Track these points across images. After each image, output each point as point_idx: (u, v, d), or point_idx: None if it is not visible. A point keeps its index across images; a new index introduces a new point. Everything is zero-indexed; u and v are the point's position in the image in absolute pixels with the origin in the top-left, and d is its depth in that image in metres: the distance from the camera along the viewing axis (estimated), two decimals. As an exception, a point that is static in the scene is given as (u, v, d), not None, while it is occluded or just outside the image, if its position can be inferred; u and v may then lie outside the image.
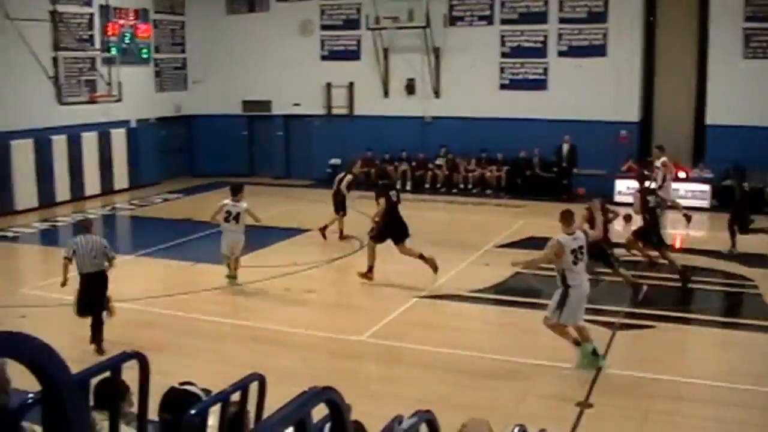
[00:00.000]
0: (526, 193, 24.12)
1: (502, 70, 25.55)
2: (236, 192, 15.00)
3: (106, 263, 11.73)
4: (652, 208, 15.33)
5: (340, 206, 18.74)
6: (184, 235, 18.99)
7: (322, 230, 18.55)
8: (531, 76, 25.26)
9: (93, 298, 11.62)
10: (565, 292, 10.40)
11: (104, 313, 11.82)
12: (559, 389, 9.97)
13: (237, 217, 14.69)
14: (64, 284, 11.74)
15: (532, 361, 10.83)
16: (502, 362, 10.89)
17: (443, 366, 10.88)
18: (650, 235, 15.34)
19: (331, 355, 11.60)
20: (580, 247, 10.44)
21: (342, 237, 18.68)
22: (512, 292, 14.33)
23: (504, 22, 25.44)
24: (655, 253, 15.55)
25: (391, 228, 15.33)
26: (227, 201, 14.92)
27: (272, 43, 28.13)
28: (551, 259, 10.51)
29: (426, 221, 21.34)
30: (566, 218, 10.59)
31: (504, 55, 25.51)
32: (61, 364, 1.90)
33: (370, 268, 15.13)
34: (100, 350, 11.09)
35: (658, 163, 18.51)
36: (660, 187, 17.58)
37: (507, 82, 25.52)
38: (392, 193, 15.63)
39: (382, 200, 15.31)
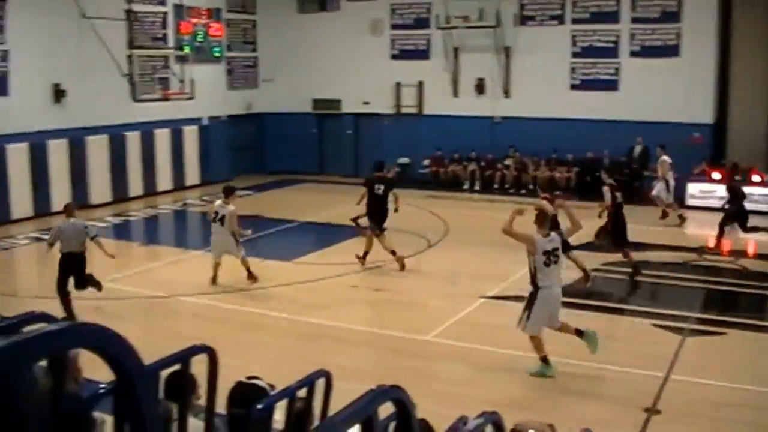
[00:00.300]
0: (595, 194, 23.70)
1: (572, 70, 25.30)
2: (227, 194, 14.99)
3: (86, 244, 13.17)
4: (620, 203, 15.91)
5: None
6: (253, 232, 19.19)
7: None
8: (602, 77, 24.96)
9: (71, 275, 12.88)
10: (534, 293, 10.57)
11: (93, 289, 13.20)
12: (627, 394, 9.85)
13: (222, 219, 14.67)
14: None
15: (599, 365, 10.71)
16: (569, 365, 10.79)
17: (509, 368, 10.83)
18: (614, 231, 15.94)
19: (395, 353, 11.62)
20: (554, 249, 10.50)
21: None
22: (580, 295, 14.15)
23: (575, 21, 25.19)
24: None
25: (371, 216, 16.16)
26: (219, 202, 15.02)
27: (342, 43, 28.29)
28: (526, 243, 10.55)
29: (494, 222, 21.21)
30: (540, 220, 10.67)
31: (575, 55, 25.26)
32: (134, 356, 1.96)
33: (365, 254, 16.11)
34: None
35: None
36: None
37: (578, 82, 25.26)
38: (376, 186, 16.20)
39: (363, 190, 16.32)
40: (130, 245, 19.75)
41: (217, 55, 27.95)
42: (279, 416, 3.83)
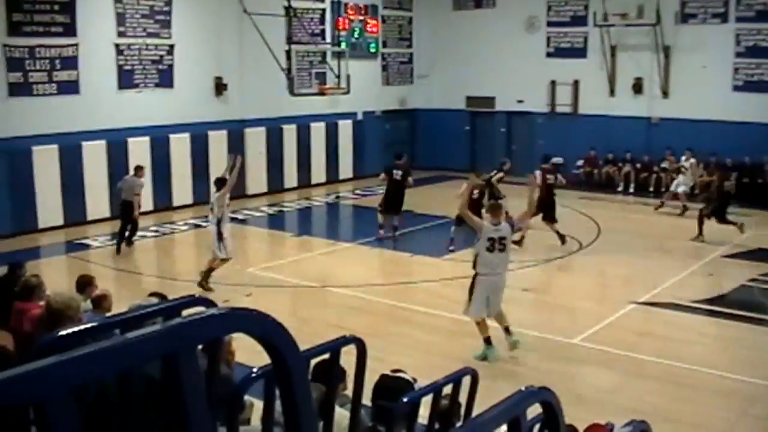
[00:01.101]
0: (757, 201, 22.75)
1: (735, 70, 24.27)
2: (217, 185, 14.72)
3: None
4: (550, 185, 18.11)
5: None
6: (403, 227, 19.36)
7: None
8: (768, 78, 23.92)
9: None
10: (474, 278, 11.05)
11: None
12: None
13: (212, 209, 14.60)
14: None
15: (751, 379, 10.31)
16: (719, 378, 10.43)
17: (657, 376, 10.57)
18: (547, 209, 17.72)
19: (541, 355, 11.51)
20: (501, 239, 10.85)
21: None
22: (735, 305, 13.63)
23: (739, 20, 24.15)
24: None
25: (387, 201, 18.66)
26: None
27: (497, 40, 28.13)
28: (476, 227, 11.12)
29: (650, 225, 20.77)
30: (494, 210, 11.28)
31: (738, 54, 24.24)
32: (292, 343, 2.02)
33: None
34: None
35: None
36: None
37: (741, 83, 24.23)
38: (395, 171, 18.68)
39: (383, 176, 19.01)
40: (284, 235, 20.29)
41: (373, 50, 28.36)
42: (423, 411, 3.88)
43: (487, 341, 11.03)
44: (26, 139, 18.89)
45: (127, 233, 17.62)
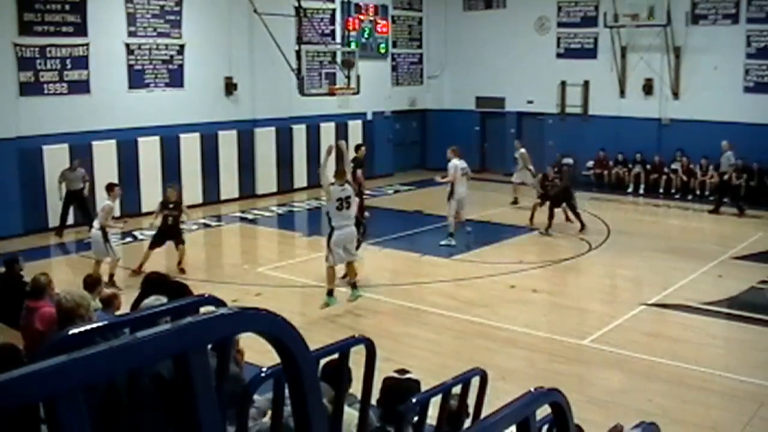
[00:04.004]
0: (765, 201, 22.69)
1: (746, 71, 24.18)
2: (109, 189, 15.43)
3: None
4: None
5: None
6: (413, 227, 19.34)
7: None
8: (779, 80, 23.82)
9: None
10: (330, 232, 13.45)
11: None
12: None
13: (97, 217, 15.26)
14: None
15: (762, 381, 10.27)
16: (729, 380, 10.39)
17: (666, 378, 10.53)
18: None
19: (550, 356, 11.49)
20: (347, 198, 13.27)
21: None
22: (746, 308, 13.56)
23: (750, 21, 24.05)
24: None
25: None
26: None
27: (507, 40, 28.11)
28: (325, 191, 13.78)
29: (659, 227, 20.74)
30: (339, 174, 13.49)
31: (749, 56, 24.15)
32: (302, 343, 2.02)
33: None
34: None
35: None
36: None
37: (752, 84, 24.14)
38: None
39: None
40: (293, 235, 20.30)
41: (383, 51, 28.37)
42: (432, 411, 3.88)
43: (330, 293, 13.31)
44: (37, 138, 18.95)
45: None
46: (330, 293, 13.35)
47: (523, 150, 23.19)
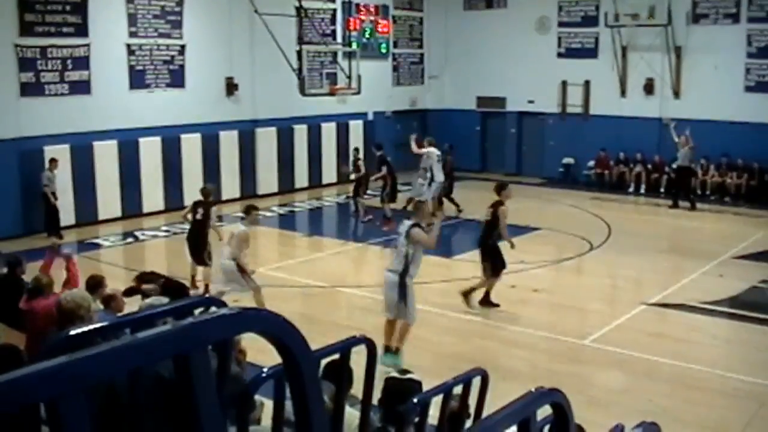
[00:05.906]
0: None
1: (747, 71, 24.17)
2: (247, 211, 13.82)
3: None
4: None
5: None
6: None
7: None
8: (779, 79, 23.81)
9: None
10: (407, 280, 10.72)
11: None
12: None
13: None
14: None
15: (763, 381, 10.26)
16: (731, 380, 10.39)
17: (667, 378, 10.54)
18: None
19: (551, 356, 11.49)
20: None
21: None
22: (747, 307, 13.57)
23: (751, 20, 24.05)
24: None
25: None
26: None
27: (508, 40, 28.12)
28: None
29: (660, 226, 20.74)
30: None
31: (750, 55, 24.14)
32: (303, 343, 2.03)
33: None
34: None
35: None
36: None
37: (753, 84, 24.14)
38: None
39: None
40: (294, 235, 20.31)
41: (383, 51, 28.38)
42: (433, 411, 3.88)
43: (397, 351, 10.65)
44: (38, 139, 18.95)
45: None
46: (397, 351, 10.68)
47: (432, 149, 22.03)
